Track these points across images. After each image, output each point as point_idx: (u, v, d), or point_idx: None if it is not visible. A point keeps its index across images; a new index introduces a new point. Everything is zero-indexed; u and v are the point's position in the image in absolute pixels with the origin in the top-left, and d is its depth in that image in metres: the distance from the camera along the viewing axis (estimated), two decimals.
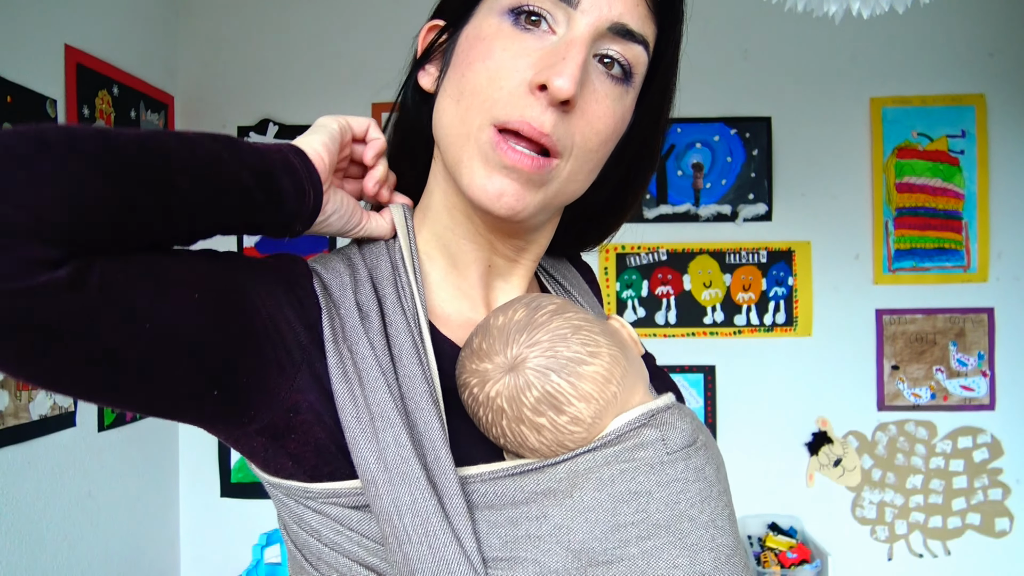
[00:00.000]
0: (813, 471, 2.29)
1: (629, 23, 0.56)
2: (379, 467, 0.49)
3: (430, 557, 0.48)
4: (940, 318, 2.27)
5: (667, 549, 0.52)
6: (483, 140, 0.55)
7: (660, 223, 2.31)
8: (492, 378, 0.54)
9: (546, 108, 0.53)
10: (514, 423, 0.53)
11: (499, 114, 0.54)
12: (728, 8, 2.28)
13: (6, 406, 1.58)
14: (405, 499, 0.49)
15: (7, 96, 1.60)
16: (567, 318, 0.56)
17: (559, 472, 0.53)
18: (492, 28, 0.56)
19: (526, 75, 0.54)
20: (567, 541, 0.51)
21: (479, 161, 0.55)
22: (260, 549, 1.96)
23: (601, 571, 0.50)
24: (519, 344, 0.54)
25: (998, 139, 2.26)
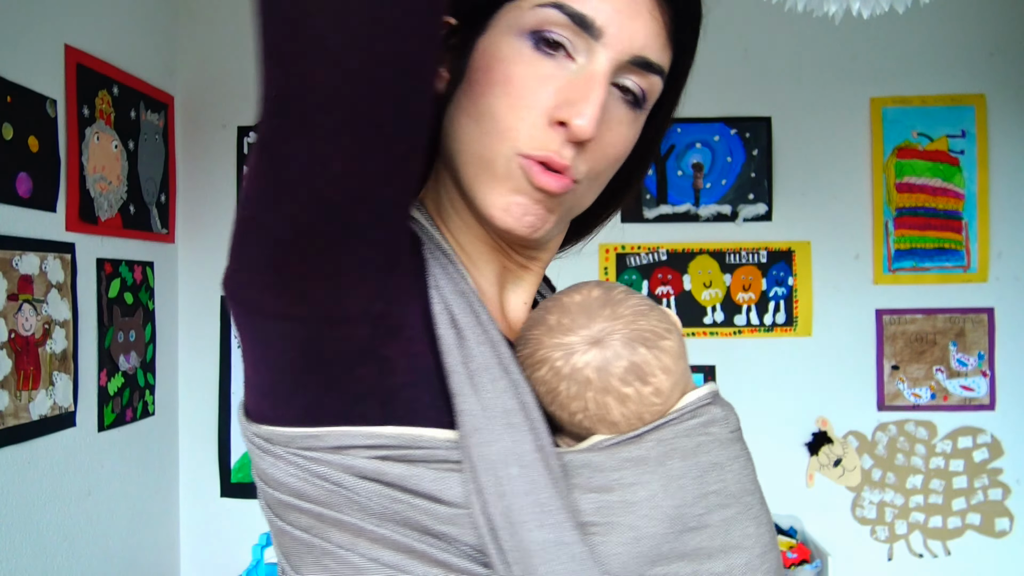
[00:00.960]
0: (813, 471, 2.29)
1: (650, 56, 0.56)
2: (486, 416, 0.50)
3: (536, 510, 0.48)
4: (940, 318, 2.27)
5: (740, 519, 0.55)
6: (513, 166, 0.55)
7: (660, 223, 2.31)
8: (578, 350, 0.55)
9: (565, 143, 0.54)
10: (600, 394, 0.55)
11: (523, 147, 0.54)
12: (728, 8, 2.28)
13: (6, 406, 1.58)
14: (513, 450, 0.49)
15: (7, 96, 1.60)
16: (640, 297, 0.60)
17: (647, 442, 0.55)
18: (511, 50, 0.55)
19: (547, 105, 0.54)
20: (663, 507, 0.52)
21: (503, 184, 0.56)
22: (260, 549, 1.96)
23: (691, 536, 0.52)
24: (603, 318, 0.57)
25: (998, 139, 2.26)
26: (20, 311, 1.63)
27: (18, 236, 1.64)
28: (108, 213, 1.96)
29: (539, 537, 0.48)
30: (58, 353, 1.75)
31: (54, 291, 1.74)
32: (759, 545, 0.55)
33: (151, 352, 2.17)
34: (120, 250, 2.02)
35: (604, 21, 0.53)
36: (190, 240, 2.34)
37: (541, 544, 0.48)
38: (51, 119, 1.74)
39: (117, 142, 2.00)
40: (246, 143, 2.34)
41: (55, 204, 1.76)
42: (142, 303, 2.12)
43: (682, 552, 0.52)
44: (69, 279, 1.79)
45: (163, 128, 2.25)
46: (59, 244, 1.76)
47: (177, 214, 2.33)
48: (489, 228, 0.60)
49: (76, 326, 1.82)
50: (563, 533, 0.48)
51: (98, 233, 1.92)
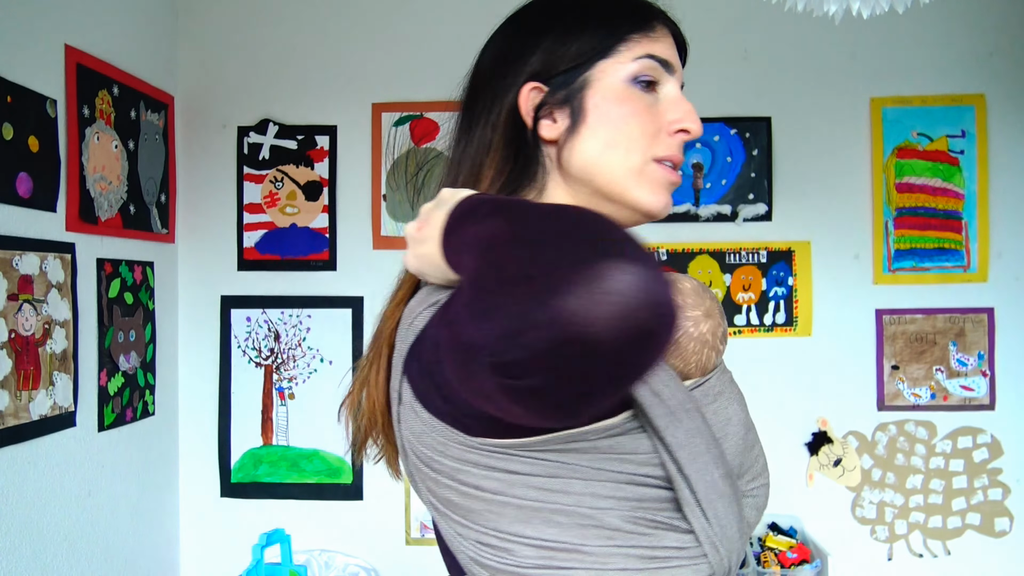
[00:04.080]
0: (813, 471, 2.29)
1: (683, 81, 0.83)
2: (671, 413, 0.69)
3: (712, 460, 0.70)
4: (940, 318, 2.27)
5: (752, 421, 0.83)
6: (650, 171, 0.78)
7: (660, 223, 2.29)
8: (700, 322, 0.79)
9: (679, 144, 0.80)
10: (711, 350, 0.78)
11: (657, 152, 0.78)
12: (728, 8, 2.28)
13: (6, 406, 1.58)
14: (692, 427, 0.69)
15: (7, 96, 1.60)
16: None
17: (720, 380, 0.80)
18: (628, 92, 0.78)
19: (659, 122, 0.78)
20: (740, 416, 0.80)
21: (647, 183, 0.78)
22: (260, 549, 1.96)
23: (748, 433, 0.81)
24: (708, 299, 0.80)
25: (998, 139, 2.26)
26: (20, 311, 1.63)
27: (18, 236, 1.64)
28: (108, 213, 1.96)
29: (717, 475, 0.70)
30: (58, 353, 1.75)
31: (54, 291, 1.74)
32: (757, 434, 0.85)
33: (151, 352, 2.17)
34: (120, 250, 2.02)
35: (674, 62, 0.81)
36: (190, 240, 2.34)
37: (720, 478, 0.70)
38: (51, 119, 1.74)
39: (117, 142, 2.00)
40: (246, 143, 2.34)
41: (55, 204, 1.76)
42: (142, 303, 2.12)
43: (749, 444, 0.80)
44: (69, 279, 1.79)
45: (163, 128, 2.25)
46: (59, 244, 1.76)
47: (177, 214, 2.33)
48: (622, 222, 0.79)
49: (76, 326, 1.82)
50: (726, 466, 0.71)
51: (98, 233, 1.92)
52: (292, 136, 2.34)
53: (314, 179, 2.34)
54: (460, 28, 2.33)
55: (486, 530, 0.71)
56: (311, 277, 2.34)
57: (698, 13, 2.32)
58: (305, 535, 2.25)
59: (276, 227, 2.34)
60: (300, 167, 2.34)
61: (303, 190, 2.34)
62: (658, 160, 0.78)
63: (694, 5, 2.29)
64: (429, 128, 2.33)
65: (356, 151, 2.34)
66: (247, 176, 2.35)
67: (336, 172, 2.34)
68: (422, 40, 2.32)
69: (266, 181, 2.34)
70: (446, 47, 2.32)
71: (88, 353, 1.87)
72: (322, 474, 2.31)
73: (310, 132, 2.34)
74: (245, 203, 2.34)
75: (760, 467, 0.84)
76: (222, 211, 2.35)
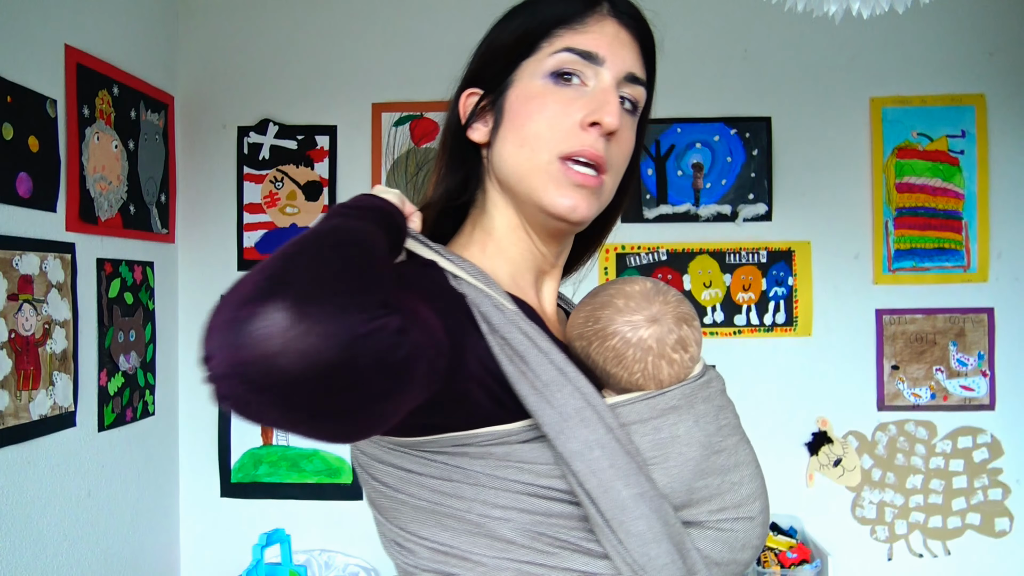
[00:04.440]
0: (813, 471, 2.29)
1: (635, 72, 0.78)
2: (561, 421, 0.65)
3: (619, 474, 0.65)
4: (940, 318, 2.27)
5: (742, 443, 0.77)
6: (553, 169, 0.73)
7: (660, 223, 2.31)
8: (642, 326, 0.75)
9: (597, 138, 0.73)
10: (657, 358, 0.74)
11: (563, 148, 0.73)
12: (728, 8, 2.28)
13: (6, 406, 1.58)
14: (590, 438, 0.65)
15: (7, 96, 1.60)
16: (675, 290, 0.79)
17: (676, 395, 0.73)
18: (540, 88, 0.75)
19: (576, 117, 0.73)
20: (697, 436, 0.71)
21: (552, 185, 0.74)
22: (260, 549, 1.96)
23: (716, 457, 0.72)
24: (658, 303, 0.76)
25: (998, 139, 2.26)
26: (20, 311, 1.63)
27: (18, 236, 1.64)
28: (108, 213, 1.96)
29: (627, 494, 0.65)
30: (58, 353, 1.75)
31: (54, 291, 1.74)
32: (754, 461, 0.77)
33: (151, 352, 2.17)
34: (120, 250, 2.02)
35: (603, 52, 0.75)
36: (190, 240, 2.34)
37: (631, 498, 0.65)
38: (51, 119, 1.74)
39: (117, 142, 2.00)
40: (246, 143, 2.34)
41: (55, 204, 1.76)
42: (142, 303, 2.12)
43: (713, 469, 0.72)
44: (69, 279, 1.79)
45: (163, 128, 2.25)
46: (59, 244, 1.76)
47: (177, 214, 2.33)
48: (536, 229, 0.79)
49: (76, 326, 1.82)
50: (641, 485, 0.65)
51: (98, 233, 1.92)
52: (292, 136, 2.34)
53: (314, 179, 2.34)
54: (460, 28, 2.33)
55: (395, 528, 0.72)
56: None
57: (698, 13, 2.33)
58: (305, 535, 2.25)
59: (276, 227, 2.34)
60: (300, 167, 2.34)
61: (303, 190, 2.34)
62: (566, 158, 0.73)
63: (694, 5, 2.30)
64: (429, 128, 2.33)
65: (356, 151, 2.34)
66: (247, 176, 2.35)
67: (336, 172, 2.34)
68: (422, 40, 2.32)
69: (266, 181, 2.35)
70: (446, 47, 2.32)
71: (88, 353, 1.87)
72: (322, 474, 2.31)
73: (310, 132, 2.34)
74: (245, 203, 2.34)
75: (739, 497, 0.74)
76: (222, 211, 2.35)
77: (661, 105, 2.40)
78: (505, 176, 0.77)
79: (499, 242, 0.80)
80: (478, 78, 0.80)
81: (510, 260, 0.80)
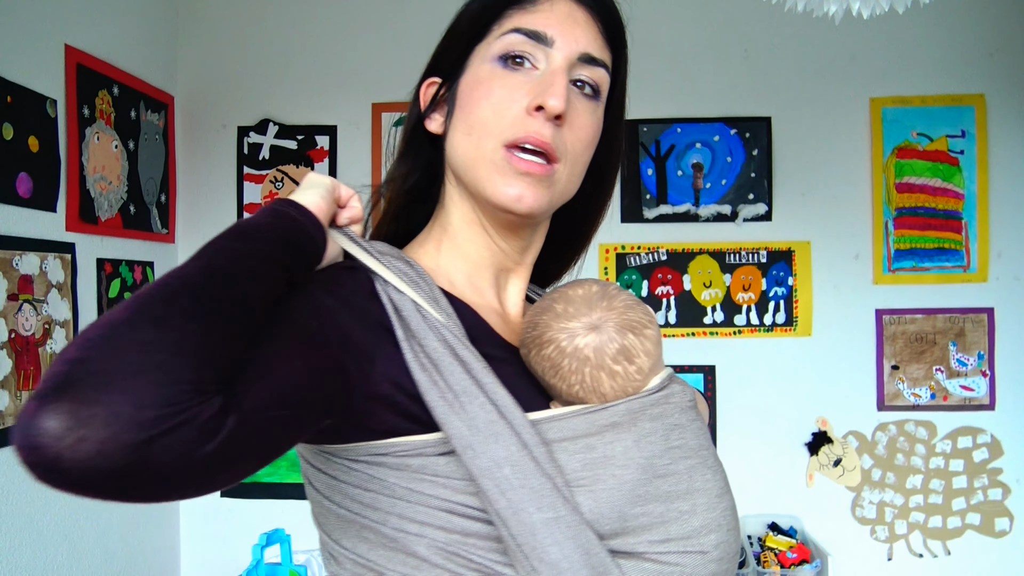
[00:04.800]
0: (813, 471, 2.29)
1: (592, 52, 0.71)
2: (472, 434, 0.60)
3: (531, 496, 0.59)
4: (940, 318, 2.27)
5: (700, 468, 0.68)
6: (498, 158, 0.68)
7: (660, 223, 2.31)
8: (579, 334, 0.68)
9: (544, 123, 0.68)
10: (596, 369, 0.68)
11: (508, 135, 0.68)
12: (728, 8, 2.28)
13: (6, 406, 1.58)
14: (501, 454, 0.59)
15: (7, 96, 1.60)
16: (629, 294, 0.73)
17: (619, 410, 0.66)
18: (487, 73, 0.70)
19: (523, 103, 0.68)
20: (636, 458, 0.64)
21: (497, 174, 0.69)
22: (260, 549, 1.96)
23: (660, 482, 0.65)
24: (601, 309, 0.69)
25: (998, 139, 2.26)
26: (20, 311, 1.63)
27: (18, 236, 1.64)
28: (108, 213, 1.96)
29: (539, 518, 0.59)
30: (58, 353, 1.75)
31: (54, 291, 1.74)
32: (716, 488, 0.68)
33: None
34: (120, 250, 2.02)
35: (553, 32, 0.70)
36: (190, 240, 2.34)
37: (542, 522, 0.59)
38: (51, 119, 1.74)
39: (117, 142, 2.00)
40: (246, 143, 2.34)
41: (55, 204, 1.76)
42: None
43: (655, 495, 0.64)
44: (69, 279, 1.79)
45: (163, 128, 2.25)
46: (59, 244, 1.76)
47: (177, 214, 2.33)
48: (492, 222, 0.74)
49: (76, 326, 1.82)
50: (557, 509, 0.59)
51: (98, 233, 1.92)
52: (292, 136, 2.34)
53: None
54: None
55: (324, 536, 0.69)
56: None
57: (698, 13, 2.33)
58: (305, 535, 2.25)
59: None
60: (300, 167, 2.34)
61: None
62: (511, 145, 0.68)
63: (694, 5, 2.30)
64: None
65: (356, 151, 2.34)
66: (247, 176, 2.35)
67: (336, 172, 2.34)
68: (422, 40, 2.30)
69: (266, 181, 2.34)
70: None
71: None
72: None
73: (310, 132, 2.34)
74: (245, 203, 2.34)
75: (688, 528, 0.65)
76: (222, 211, 2.35)
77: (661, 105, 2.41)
78: (455, 167, 0.73)
79: (454, 238, 0.76)
80: (438, 66, 0.77)
81: (466, 258, 0.76)
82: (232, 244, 0.55)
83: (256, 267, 0.54)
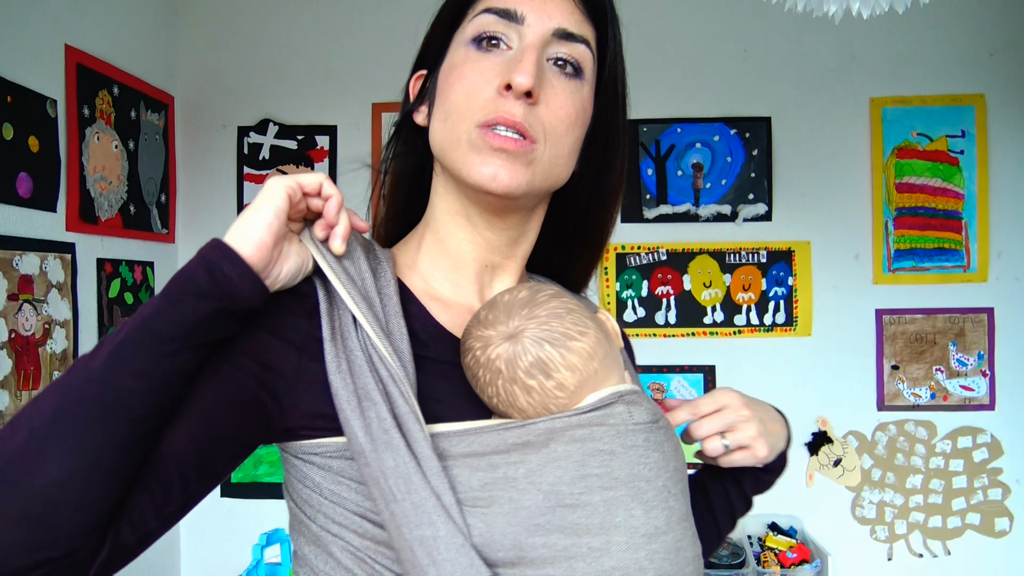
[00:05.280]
0: (813, 471, 2.29)
1: (568, 27, 0.69)
2: (366, 439, 0.58)
3: (412, 511, 0.56)
4: (940, 318, 2.27)
5: (625, 501, 0.60)
6: (473, 137, 0.66)
7: (660, 223, 2.31)
8: (493, 343, 0.63)
9: (515, 102, 0.65)
10: (508, 383, 0.62)
11: (480, 117, 0.66)
12: (728, 8, 2.28)
13: (6, 406, 1.58)
14: (389, 464, 0.57)
15: (7, 96, 1.60)
16: (563, 301, 0.66)
17: (537, 428, 0.61)
18: (461, 57, 0.69)
19: (494, 83, 0.66)
20: (539, 483, 0.59)
21: (472, 154, 0.66)
22: (260, 549, 1.96)
23: (567, 512, 0.58)
24: (520, 317, 0.64)
25: (998, 139, 2.26)
26: (20, 311, 1.63)
27: (18, 236, 1.64)
28: (108, 213, 1.96)
29: (417, 535, 0.56)
30: (58, 353, 1.75)
31: (54, 291, 1.74)
32: (645, 527, 0.60)
33: None
34: (120, 250, 2.02)
35: (524, 9, 0.68)
36: (190, 240, 2.34)
37: (418, 540, 0.56)
38: (51, 119, 1.74)
39: (117, 142, 2.00)
40: (246, 143, 2.34)
41: (55, 204, 1.76)
42: (142, 303, 2.12)
43: (559, 525, 0.58)
44: (69, 279, 1.79)
45: (163, 128, 2.25)
46: (59, 244, 1.76)
47: (177, 214, 2.33)
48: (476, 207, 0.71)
49: (76, 326, 1.82)
50: (436, 528, 0.56)
51: (98, 233, 1.92)
52: (292, 136, 2.34)
53: None
54: None
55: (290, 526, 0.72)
56: None
57: (698, 13, 2.33)
58: None
59: None
60: (300, 167, 2.34)
61: None
62: (484, 126, 0.65)
63: (694, 5, 2.30)
64: None
65: (356, 151, 2.34)
66: (247, 176, 2.35)
67: (336, 172, 2.34)
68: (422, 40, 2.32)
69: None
70: None
71: None
72: None
73: (310, 132, 2.34)
74: (245, 203, 2.34)
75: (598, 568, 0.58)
76: (222, 211, 2.35)
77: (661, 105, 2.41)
78: (437, 154, 0.71)
79: (437, 232, 0.74)
80: (423, 59, 0.76)
81: (446, 253, 0.74)
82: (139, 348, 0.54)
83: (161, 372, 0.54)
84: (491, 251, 0.74)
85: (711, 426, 0.78)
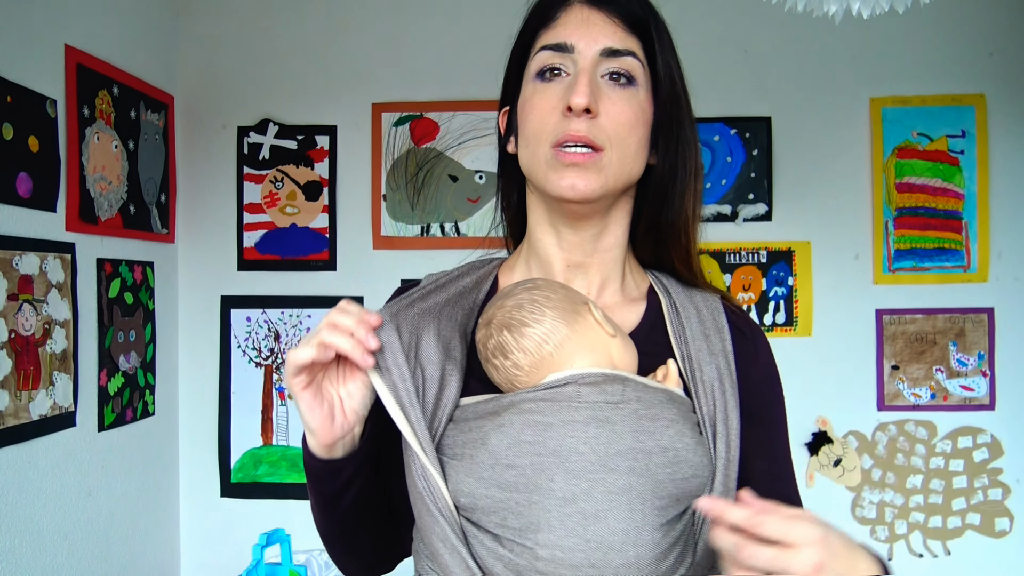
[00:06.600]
0: (813, 471, 2.29)
1: (613, 45, 0.80)
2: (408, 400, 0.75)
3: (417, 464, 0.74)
4: (940, 318, 2.27)
5: (550, 467, 0.70)
6: (549, 157, 0.79)
7: None
8: (482, 329, 0.79)
9: (578, 120, 0.77)
10: (485, 362, 0.78)
11: (552, 138, 0.78)
12: (728, 8, 2.28)
13: (6, 406, 1.58)
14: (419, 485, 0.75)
15: (7, 96, 1.60)
16: (531, 293, 0.78)
17: (503, 402, 0.74)
18: (530, 91, 0.82)
19: (559, 108, 0.78)
20: (488, 444, 0.72)
21: (551, 172, 0.79)
22: (260, 549, 1.96)
23: (503, 471, 0.71)
24: (495, 307, 0.78)
25: (998, 139, 2.26)
26: (20, 311, 1.63)
27: (18, 236, 1.64)
28: (108, 213, 1.96)
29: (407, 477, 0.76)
30: (58, 353, 1.75)
31: (54, 291, 1.74)
32: (564, 492, 0.69)
33: (151, 352, 2.17)
34: (120, 250, 2.03)
35: (572, 39, 0.80)
36: (190, 240, 2.34)
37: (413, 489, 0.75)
38: (51, 119, 1.74)
39: (117, 142, 2.00)
40: (246, 143, 2.34)
41: (55, 204, 1.76)
42: (142, 303, 2.12)
43: (497, 482, 0.71)
44: (69, 279, 1.79)
45: (163, 128, 2.25)
46: (59, 244, 1.76)
47: (177, 214, 2.33)
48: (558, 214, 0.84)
49: (76, 326, 1.82)
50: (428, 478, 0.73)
51: (98, 233, 1.92)
52: (292, 136, 2.34)
53: (314, 179, 2.34)
54: (460, 28, 2.33)
55: None
56: (311, 277, 2.33)
57: (698, 13, 2.33)
58: (305, 535, 2.25)
59: (276, 227, 2.34)
60: (300, 167, 2.34)
61: (303, 190, 2.34)
62: (557, 146, 0.78)
63: (694, 5, 2.30)
64: (429, 128, 2.33)
65: (356, 151, 2.34)
66: (247, 176, 2.35)
67: (336, 172, 2.34)
68: (422, 40, 2.32)
69: (266, 181, 2.34)
70: (446, 47, 2.32)
71: (88, 353, 1.87)
72: None
73: (310, 132, 2.34)
74: (245, 203, 2.34)
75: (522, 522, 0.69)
76: (222, 211, 2.35)
77: None
78: (527, 175, 0.85)
79: (533, 244, 0.88)
80: (505, 96, 0.89)
81: (539, 259, 0.88)
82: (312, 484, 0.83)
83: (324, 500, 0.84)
84: (573, 251, 0.86)
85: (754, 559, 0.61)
